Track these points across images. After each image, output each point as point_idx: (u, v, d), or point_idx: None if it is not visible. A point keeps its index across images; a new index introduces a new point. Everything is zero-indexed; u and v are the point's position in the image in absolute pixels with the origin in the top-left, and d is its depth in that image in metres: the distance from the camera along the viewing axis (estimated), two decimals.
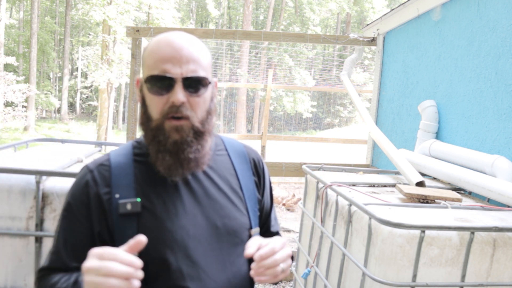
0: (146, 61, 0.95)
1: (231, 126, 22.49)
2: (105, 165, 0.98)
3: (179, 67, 0.91)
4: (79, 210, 0.95)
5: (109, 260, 0.76)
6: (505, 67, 2.46)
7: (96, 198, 0.94)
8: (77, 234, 0.94)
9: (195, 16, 32.05)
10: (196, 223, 0.95)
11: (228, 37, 4.23)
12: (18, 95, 15.04)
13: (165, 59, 0.91)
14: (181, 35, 0.95)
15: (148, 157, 0.97)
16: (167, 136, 0.93)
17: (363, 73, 17.30)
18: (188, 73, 0.92)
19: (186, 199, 0.97)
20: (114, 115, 24.78)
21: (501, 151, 2.44)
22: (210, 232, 0.96)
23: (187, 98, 0.92)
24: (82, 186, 0.96)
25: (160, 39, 0.95)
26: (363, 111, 3.65)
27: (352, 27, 28.76)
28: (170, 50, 0.92)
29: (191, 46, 0.94)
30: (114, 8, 13.98)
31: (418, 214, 1.80)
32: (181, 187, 0.98)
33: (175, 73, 0.91)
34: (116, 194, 0.94)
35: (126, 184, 0.95)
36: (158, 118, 0.93)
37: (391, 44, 4.11)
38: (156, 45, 0.94)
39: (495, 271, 1.66)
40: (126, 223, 0.92)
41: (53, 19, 27.68)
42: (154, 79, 0.92)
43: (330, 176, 2.57)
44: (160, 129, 0.93)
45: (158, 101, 0.92)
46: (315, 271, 2.32)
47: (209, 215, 0.97)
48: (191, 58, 0.92)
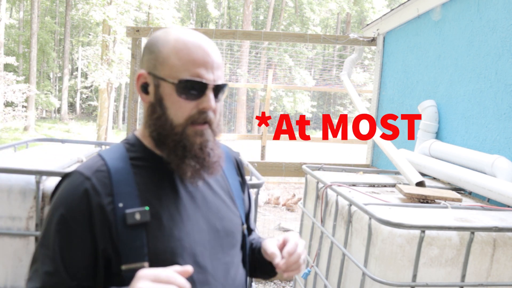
0: (169, 60, 0.90)
1: (231, 126, 22.49)
2: (102, 171, 0.89)
3: (211, 73, 0.90)
4: (78, 223, 0.85)
5: (167, 283, 0.74)
6: (505, 67, 2.46)
7: (99, 209, 0.86)
8: (78, 251, 0.86)
9: (195, 16, 32.06)
10: (200, 228, 0.94)
11: (228, 37, 4.23)
12: (18, 95, 15.04)
13: (198, 63, 0.89)
14: (204, 37, 0.94)
15: (146, 161, 0.93)
16: (192, 141, 0.90)
17: (363, 73, 17.30)
18: (218, 80, 0.92)
19: (187, 204, 0.94)
20: (114, 115, 24.78)
21: (501, 151, 2.44)
22: (212, 236, 0.96)
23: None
24: (81, 196, 0.86)
25: (185, 39, 0.91)
26: (363, 111, 3.65)
27: (352, 27, 28.76)
28: (202, 53, 0.90)
29: (217, 51, 0.94)
30: (114, 8, 13.97)
31: (418, 214, 1.80)
32: (180, 191, 0.95)
33: (208, 79, 0.89)
34: (120, 204, 0.87)
35: (129, 192, 0.88)
36: (182, 123, 0.90)
37: (391, 44, 4.11)
38: (184, 45, 0.90)
39: (495, 271, 1.66)
40: (133, 235, 0.86)
41: (53, 19, 27.68)
42: (186, 83, 0.88)
43: (330, 176, 2.57)
44: (183, 134, 0.90)
45: (186, 105, 0.89)
46: (315, 271, 2.32)
47: (209, 219, 0.97)
48: (219, 64, 0.93)
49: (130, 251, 0.85)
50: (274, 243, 1.02)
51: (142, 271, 0.77)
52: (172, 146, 0.91)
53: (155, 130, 0.92)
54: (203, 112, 0.90)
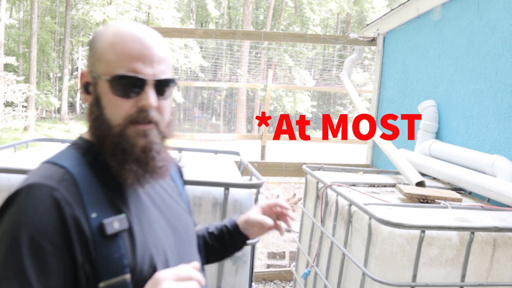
0: (105, 55, 0.82)
1: (231, 126, 22.49)
2: (67, 180, 0.79)
3: (150, 67, 0.82)
4: (53, 242, 0.73)
5: (188, 279, 0.74)
6: (505, 67, 2.46)
7: (74, 221, 0.76)
8: (59, 275, 0.73)
9: (195, 16, 32.06)
10: (166, 232, 0.90)
11: (228, 37, 4.23)
12: (18, 95, 15.04)
13: (134, 56, 0.81)
14: (146, 29, 0.85)
15: (105, 165, 0.84)
16: (133, 143, 0.82)
17: (363, 73, 17.31)
18: (160, 74, 0.83)
19: (151, 208, 0.90)
20: None
21: (501, 151, 2.44)
22: (176, 239, 0.93)
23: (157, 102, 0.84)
24: (50, 209, 0.75)
25: (122, 32, 0.83)
26: (363, 111, 3.65)
27: (352, 27, 28.76)
28: (139, 46, 0.82)
29: (161, 44, 0.85)
30: (114, 8, 13.99)
31: (418, 214, 1.80)
32: (143, 196, 0.89)
33: (146, 73, 0.81)
34: (93, 214, 0.78)
35: (99, 200, 0.80)
36: (121, 123, 0.82)
37: (391, 44, 4.12)
38: (120, 38, 0.82)
39: (495, 271, 1.66)
40: (112, 246, 0.78)
41: (53, 19, 27.68)
42: (121, 79, 0.81)
43: (330, 176, 2.57)
44: (123, 135, 0.82)
45: (123, 104, 0.81)
46: (315, 271, 2.32)
47: (170, 222, 0.93)
48: (162, 58, 0.84)
49: (110, 265, 0.78)
50: (256, 213, 1.15)
51: (161, 273, 0.74)
52: (111, 149, 0.83)
53: (94, 133, 0.85)
54: (143, 110, 0.82)
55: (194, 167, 2.19)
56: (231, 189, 1.76)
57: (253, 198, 1.87)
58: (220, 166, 2.31)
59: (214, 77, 15.77)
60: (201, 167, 2.22)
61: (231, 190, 1.76)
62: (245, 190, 1.83)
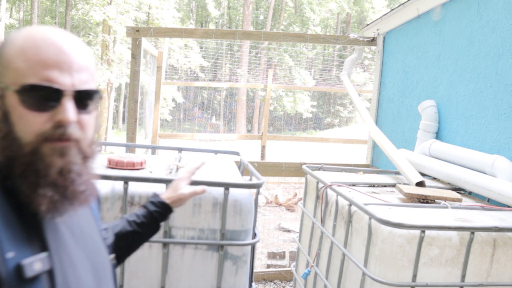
0: (13, 62, 0.70)
1: (231, 126, 22.49)
2: None
3: (69, 76, 0.71)
4: None
5: None
6: (505, 67, 2.46)
7: None
8: None
9: (195, 16, 32.06)
10: (85, 269, 0.80)
11: (228, 37, 4.23)
12: None
13: (49, 63, 0.69)
14: (64, 33, 0.74)
15: (15, 191, 0.71)
16: (48, 163, 0.70)
17: (363, 73, 17.31)
18: (81, 84, 0.72)
19: (71, 242, 0.79)
20: (114, 115, 24.78)
21: (501, 151, 2.44)
22: (95, 275, 0.83)
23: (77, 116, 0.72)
24: None
25: (35, 36, 0.71)
26: (363, 111, 3.65)
27: (352, 27, 28.76)
28: (55, 51, 0.70)
29: (82, 50, 0.75)
30: (114, 8, 13.99)
31: (418, 214, 1.80)
32: (61, 227, 0.77)
33: (63, 83, 0.70)
34: (9, 253, 0.65)
35: (13, 236, 0.67)
36: (33, 141, 0.69)
37: (391, 44, 4.12)
38: (32, 43, 0.70)
39: (495, 271, 1.66)
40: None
41: (53, 19, 27.69)
42: (32, 89, 0.69)
43: (330, 176, 2.57)
44: (36, 154, 0.70)
45: (35, 118, 0.69)
46: (315, 271, 2.32)
47: (89, 256, 0.83)
48: (83, 66, 0.73)
49: None
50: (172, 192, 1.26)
51: None
52: (21, 171, 0.70)
53: (3, 153, 0.71)
54: (60, 126, 0.70)
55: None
56: (231, 189, 1.76)
57: (253, 198, 1.87)
58: (220, 166, 2.31)
59: (214, 77, 15.78)
60: (201, 167, 2.22)
61: (231, 190, 1.76)
62: (245, 190, 1.83)
